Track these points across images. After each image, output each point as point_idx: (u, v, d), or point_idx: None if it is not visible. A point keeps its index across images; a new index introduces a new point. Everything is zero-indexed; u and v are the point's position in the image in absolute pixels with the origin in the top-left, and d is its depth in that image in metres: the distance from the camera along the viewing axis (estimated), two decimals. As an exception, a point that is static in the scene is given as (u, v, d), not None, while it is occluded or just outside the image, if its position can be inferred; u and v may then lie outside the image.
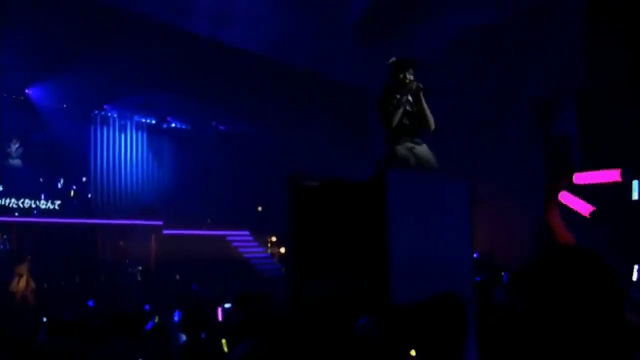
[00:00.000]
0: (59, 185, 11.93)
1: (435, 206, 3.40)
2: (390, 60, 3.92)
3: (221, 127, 14.44)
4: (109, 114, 13.24)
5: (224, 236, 13.33)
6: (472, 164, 8.81)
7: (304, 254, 3.34)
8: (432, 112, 3.89)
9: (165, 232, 12.25)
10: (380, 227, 3.06)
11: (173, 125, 14.19)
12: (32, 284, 7.46)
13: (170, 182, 13.85)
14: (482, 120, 9.78)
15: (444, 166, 3.91)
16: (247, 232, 13.83)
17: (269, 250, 14.03)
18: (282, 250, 12.48)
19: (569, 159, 8.96)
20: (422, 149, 3.85)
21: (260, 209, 13.72)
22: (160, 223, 12.29)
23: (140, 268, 11.59)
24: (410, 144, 3.84)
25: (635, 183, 2.12)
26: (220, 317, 5.67)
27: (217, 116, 13.86)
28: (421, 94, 3.83)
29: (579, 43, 8.72)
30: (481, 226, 6.60)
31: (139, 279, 11.45)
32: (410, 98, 3.89)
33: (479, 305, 3.28)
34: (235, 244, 13.48)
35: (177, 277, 11.19)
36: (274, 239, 13.93)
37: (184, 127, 14.30)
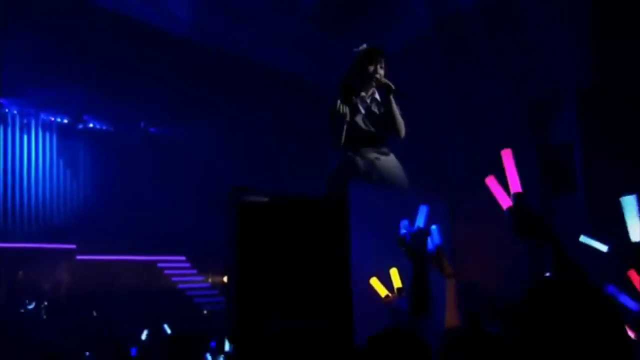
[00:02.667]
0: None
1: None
2: (360, 48, 3.96)
3: (151, 129, 14.33)
4: (7, 110, 12.97)
5: (154, 262, 13.19)
6: (452, 178, 8.99)
7: (249, 284, 3.36)
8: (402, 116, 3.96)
9: (80, 257, 12.06)
10: (341, 253, 3.12)
11: (91, 125, 13.97)
12: None
13: (86, 195, 13.62)
14: (465, 126, 9.98)
15: (418, 181, 3.99)
16: (183, 258, 13.73)
17: (210, 280, 13.95)
18: (226, 279, 12.44)
19: (569, 171, 9.26)
20: (388, 161, 3.91)
21: (200, 229, 13.64)
22: (72, 247, 12.08)
23: (45, 303, 11.34)
24: (373, 154, 3.88)
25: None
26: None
27: (146, 115, 13.75)
28: (391, 95, 3.89)
29: (580, 33, 9.01)
30: (464, 251, 6.73)
31: (45, 317, 11.20)
32: (377, 96, 3.97)
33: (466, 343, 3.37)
34: (168, 271, 13.36)
35: (94, 313, 11.01)
36: (217, 266, 13.87)
37: (104, 128, 14.11)
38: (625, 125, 8.44)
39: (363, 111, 3.94)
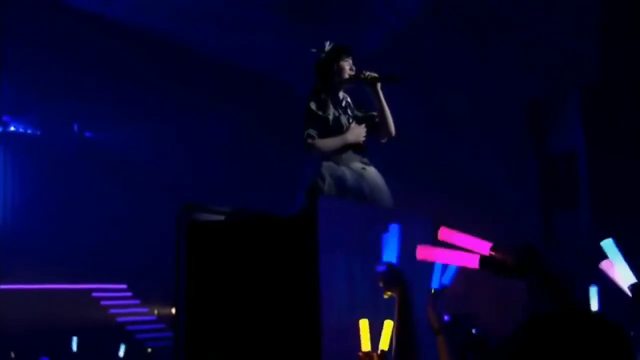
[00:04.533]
0: None
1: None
2: (326, 47, 4.03)
3: (87, 134, 14.19)
4: None
5: (88, 291, 13.05)
6: (438, 191, 9.03)
7: (201, 317, 3.37)
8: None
9: (-1, 287, 11.87)
10: (308, 281, 3.14)
11: (12, 128, 13.79)
12: None
13: (8, 212, 13.41)
14: (453, 129, 10.03)
15: (398, 195, 4.04)
16: (123, 286, 13.60)
17: (156, 312, 13.84)
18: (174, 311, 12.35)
19: (573, 180, 9.40)
20: (374, 172, 3.96)
21: (144, 252, 13.53)
22: (-10, 274, 11.87)
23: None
24: (359, 164, 3.93)
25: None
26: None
27: (80, 116, 13.61)
28: (378, 86, 3.95)
29: (584, 23, 9.13)
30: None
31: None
32: (349, 100, 4.03)
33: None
34: (105, 302, 13.22)
35: (12, 354, 10.82)
36: (163, 295, 13.77)
37: (29, 131, 13.94)
38: (635, 129, 8.59)
39: (343, 112, 3.99)
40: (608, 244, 2.34)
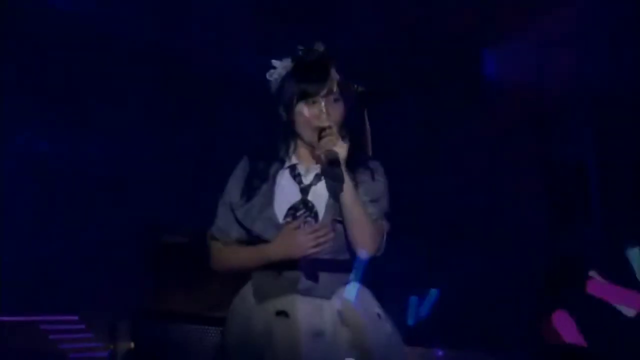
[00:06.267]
0: None
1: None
2: (320, 48, 4.07)
3: (34, 147, 14.12)
4: None
5: (35, 323, 12.96)
6: (432, 211, 9.09)
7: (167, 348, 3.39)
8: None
9: None
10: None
11: (-53, 138, 13.71)
12: None
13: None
14: (451, 139, 10.11)
15: (394, 211, 4.11)
16: (74, 317, 13.53)
17: (113, 347, 13.79)
18: (133, 345, 12.30)
19: (583, 197, 9.54)
20: None
21: (98, 278, 13.48)
22: None
23: None
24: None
25: None
26: None
27: (26, 128, 13.56)
28: (364, 104, 3.99)
29: (598, 26, 9.29)
30: (449, 312, 6.88)
31: None
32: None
33: None
34: (54, 336, 13.13)
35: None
36: (120, 327, 13.71)
37: (-32, 142, 13.87)
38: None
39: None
40: (635, 254, 2.42)
